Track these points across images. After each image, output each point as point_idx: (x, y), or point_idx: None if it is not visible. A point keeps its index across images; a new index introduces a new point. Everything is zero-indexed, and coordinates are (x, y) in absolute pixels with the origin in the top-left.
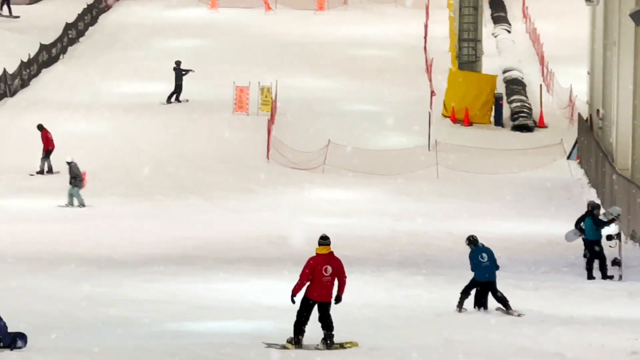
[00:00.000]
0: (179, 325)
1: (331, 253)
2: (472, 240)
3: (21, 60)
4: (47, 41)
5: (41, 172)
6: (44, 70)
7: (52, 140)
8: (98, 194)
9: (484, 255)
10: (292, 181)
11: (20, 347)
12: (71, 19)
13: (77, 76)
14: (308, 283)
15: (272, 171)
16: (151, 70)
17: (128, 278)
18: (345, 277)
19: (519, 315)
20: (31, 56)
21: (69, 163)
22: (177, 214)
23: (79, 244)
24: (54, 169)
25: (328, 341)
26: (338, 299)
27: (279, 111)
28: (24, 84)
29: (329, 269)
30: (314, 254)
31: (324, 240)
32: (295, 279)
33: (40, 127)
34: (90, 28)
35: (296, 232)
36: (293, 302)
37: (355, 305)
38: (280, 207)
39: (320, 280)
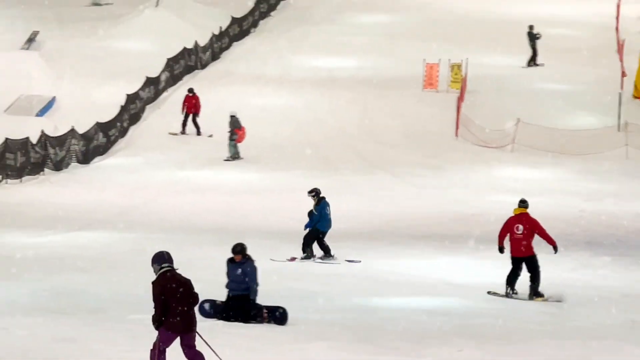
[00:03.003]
0: (366, 300)
1: (523, 213)
2: (318, 193)
3: (212, 33)
4: (239, 14)
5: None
6: (234, 44)
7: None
8: (284, 167)
9: (329, 208)
10: (480, 159)
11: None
12: None
13: (267, 50)
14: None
15: (461, 148)
16: (341, 45)
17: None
18: (542, 230)
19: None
20: (222, 29)
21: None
22: (364, 189)
23: (265, 216)
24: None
25: (531, 291)
26: (554, 250)
27: (469, 89)
28: (215, 57)
29: (520, 227)
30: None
31: (521, 203)
32: (482, 256)
33: (193, 91)
34: (281, 2)
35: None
36: (500, 251)
37: (540, 283)
38: (468, 184)
39: (513, 238)
